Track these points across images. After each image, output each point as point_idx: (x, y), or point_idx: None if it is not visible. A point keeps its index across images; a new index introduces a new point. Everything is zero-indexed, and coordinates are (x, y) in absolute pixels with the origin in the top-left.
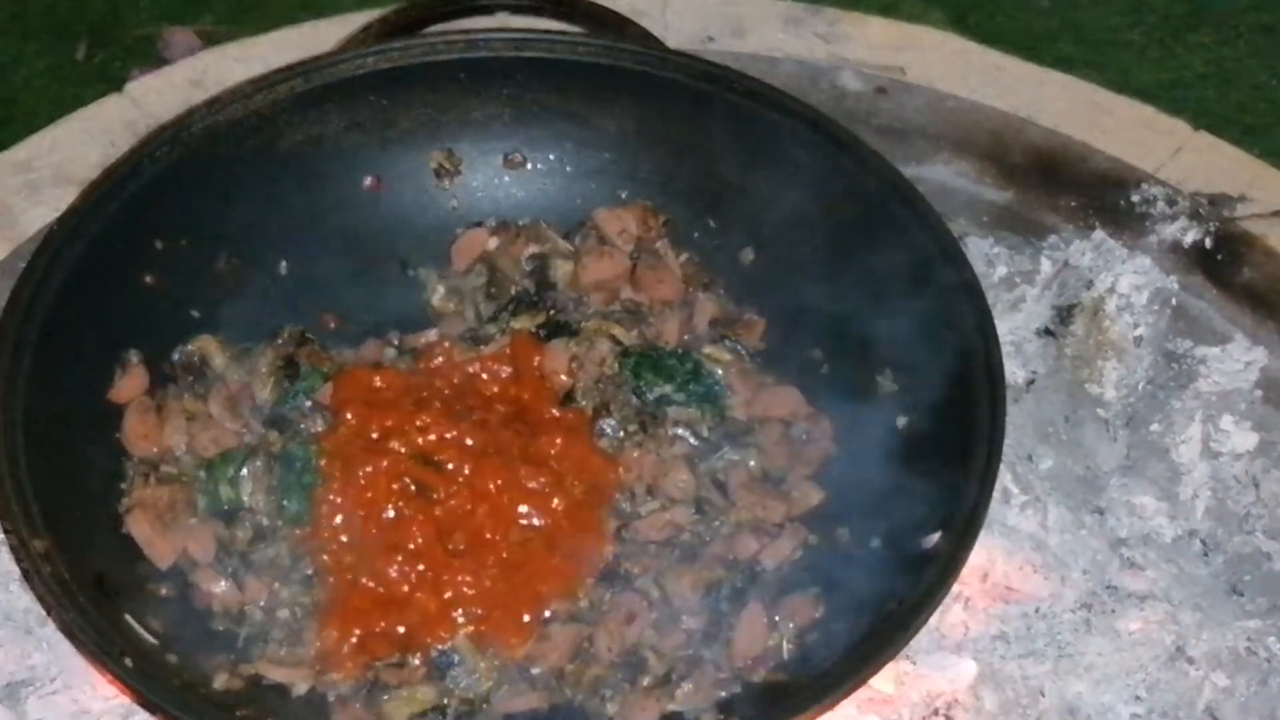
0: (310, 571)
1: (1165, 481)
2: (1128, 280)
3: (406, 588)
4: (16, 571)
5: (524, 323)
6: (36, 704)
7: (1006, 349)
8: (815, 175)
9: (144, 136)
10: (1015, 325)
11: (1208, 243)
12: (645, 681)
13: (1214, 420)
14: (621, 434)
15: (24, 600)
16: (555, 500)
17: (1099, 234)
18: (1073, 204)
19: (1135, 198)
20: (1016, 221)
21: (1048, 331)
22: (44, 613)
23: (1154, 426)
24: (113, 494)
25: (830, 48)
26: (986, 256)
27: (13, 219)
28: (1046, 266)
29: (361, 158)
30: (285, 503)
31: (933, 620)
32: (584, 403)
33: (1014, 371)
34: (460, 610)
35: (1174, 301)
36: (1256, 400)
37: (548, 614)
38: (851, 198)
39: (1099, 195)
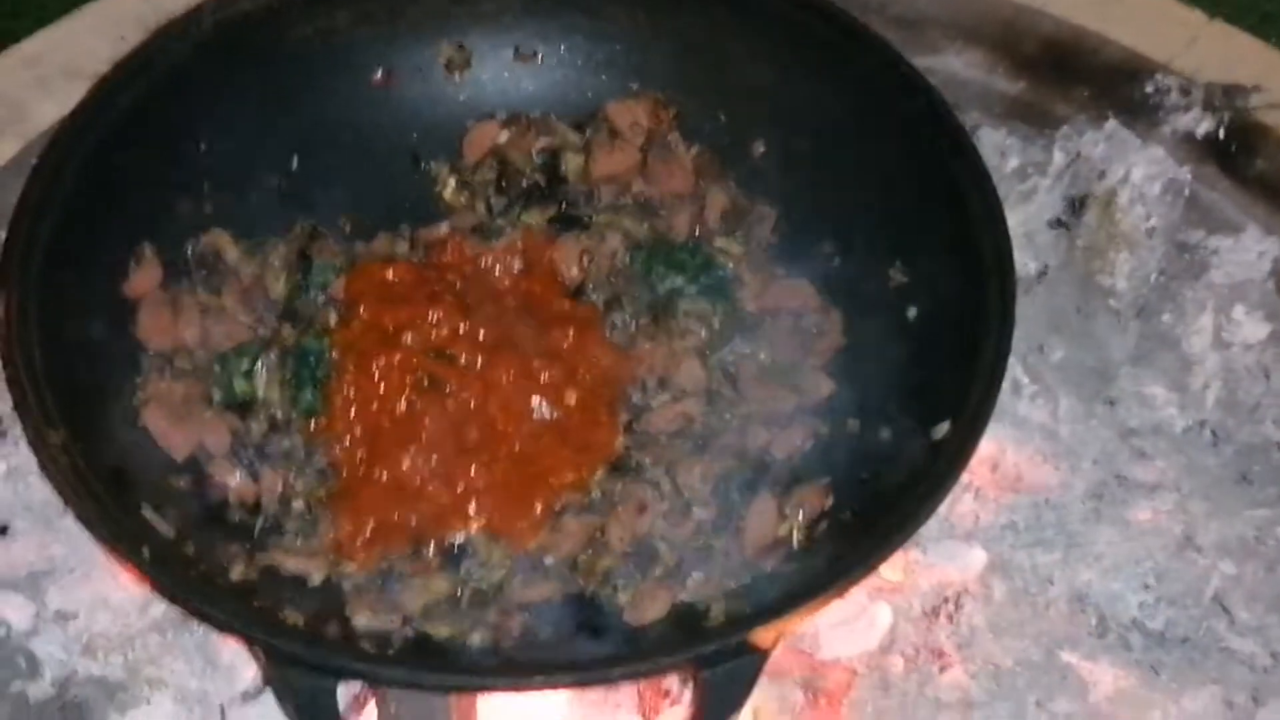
0: (324, 464)
1: (1176, 372)
2: (1140, 171)
3: (419, 480)
4: (34, 464)
5: (535, 216)
6: (57, 594)
7: (1018, 240)
8: (826, 67)
9: (154, 31)
10: (1027, 216)
11: (1221, 133)
12: (656, 571)
13: (1225, 311)
14: (633, 327)
15: (43, 492)
16: (567, 393)
17: (1112, 124)
18: (1085, 94)
19: (1149, 88)
20: (1029, 112)
21: (1060, 223)
22: (63, 504)
23: (1165, 317)
24: (128, 388)
25: None
26: (999, 148)
27: (23, 114)
28: (1059, 157)
29: (371, 51)
30: (299, 395)
31: (943, 510)
32: (595, 296)
33: (1025, 263)
34: (473, 502)
35: (1187, 192)
36: (1268, 291)
37: (560, 505)
38: (863, 89)
39: (1112, 86)
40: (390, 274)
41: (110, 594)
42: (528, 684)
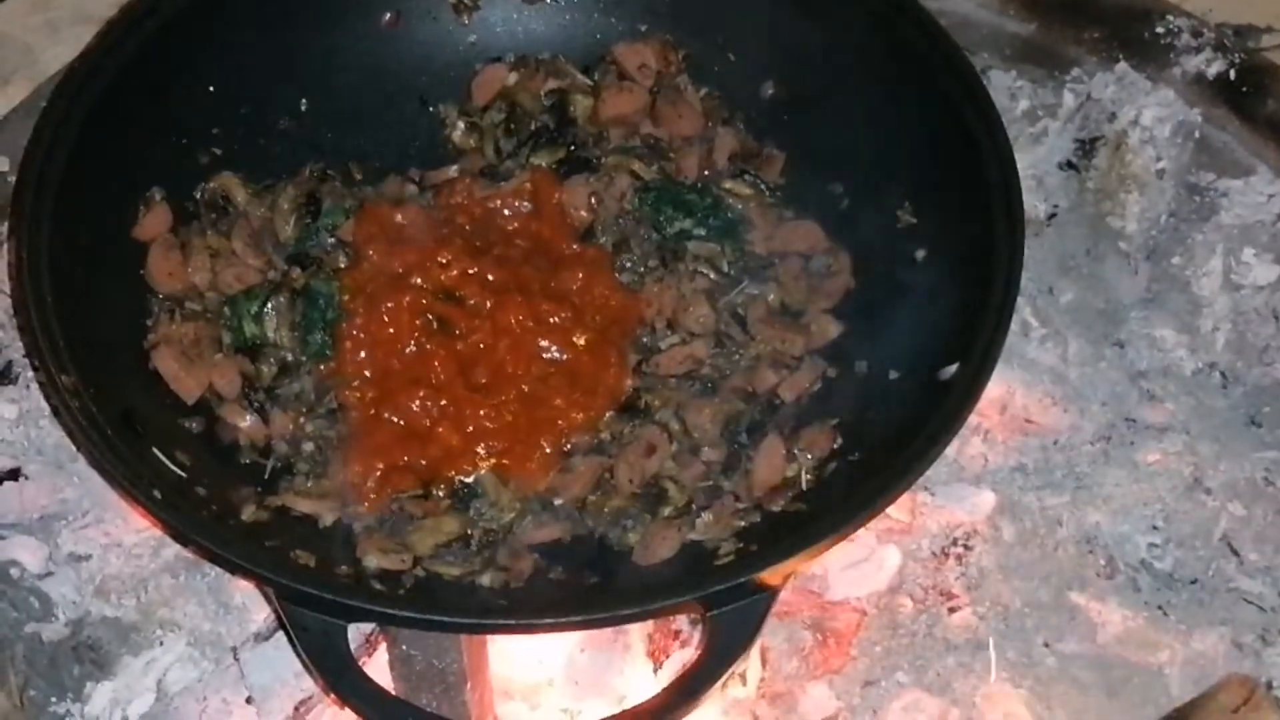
0: (334, 406)
1: (1185, 314)
2: (1151, 113)
3: (429, 422)
4: (46, 408)
5: (544, 158)
6: (69, 537)
7: (1028, 182)
8: (836, 9)
9: None
10: (1037, 159)
11: (1232, 75)
12: (665, 512)
13: (1235, 253)
14: (642, 269)
15: (55, 435)
16: (576, 335)
17: (1122, 66)
18: (1096, 36)
19: (1159, 29)
20: (1040, 54)
21: (1070, 165)
22: (74, 448)
23: (1175, 259)
24: (139, 331)
25: None
26: (1009, 90)
27: (33, 57)
28: (1069, 99)
29: None
30: (309, 338)
31: (951, 452)
32: (604, 238)
33: (1035, 205)
34: (482, 444)
35: (1197, 134)
36: (1278, 233)
37: (569, 447)
38: (872, 31)
39: (1123, 27)
40: (399, 216)
41: (122, 536)
42: (537, 625)
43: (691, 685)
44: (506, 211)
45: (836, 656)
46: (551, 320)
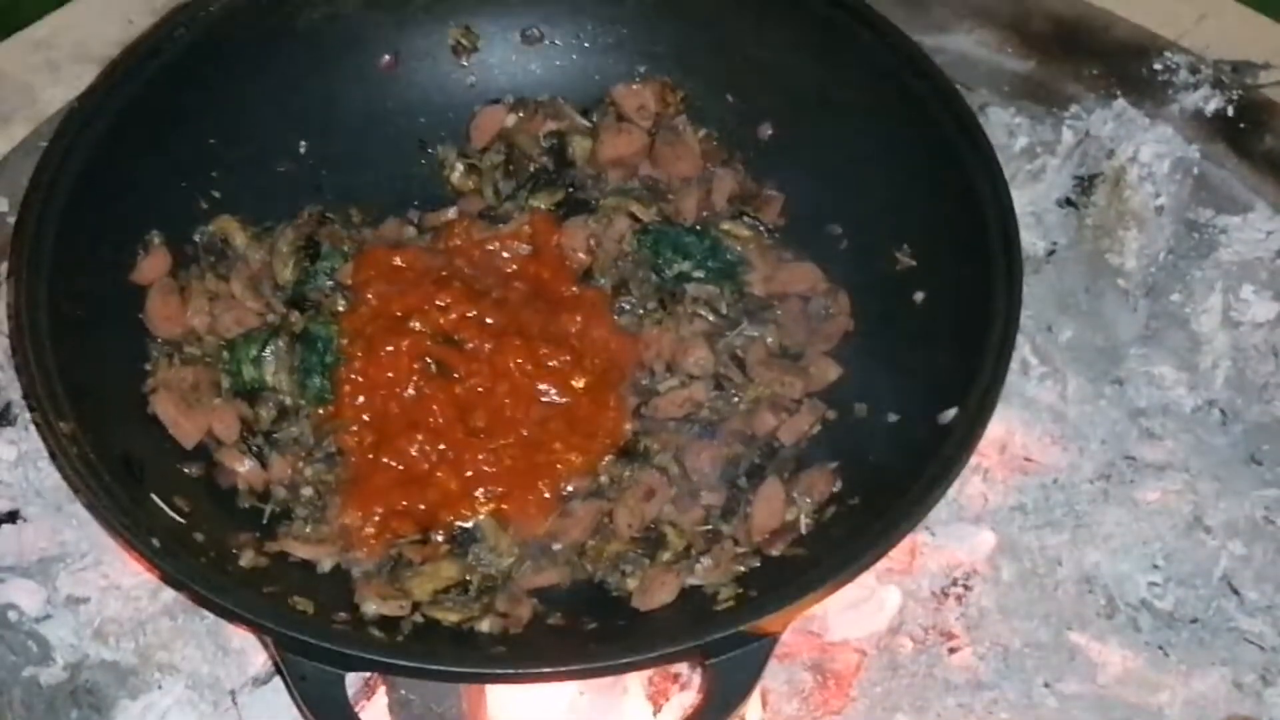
0: (333, 450)
1: (1185, 351)
2: (1149, 149)
3: (428, 466)
4: (45, 449)
5: (543, 200)
6: (67, 579)
7: (1027, 220)
8: (833, 49)
9: (163, 15)
10: (1036, 196)
11: (1230, 111)
12: (665, 557)
13: (1234, 290)
14: (640, 311)
15: (54, 477)
16: (575, 378)
17: (1121, 103)
18: (1094, 73)
19: (1157, 66)
20: (1038, 91)
21: (1069, 202)
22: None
23: (1174, 296)
24: (138, 375)
25: None
26: (1007, 127)
27: (33, 97)
28: (1068, 136)
29: (379, 35)
30: (308, 382)
31: (951, 492)
32: (603, 280)
33: (1034, 242)
34: (481, 488)
35: (1195, 170)
36: (1277, 269)
37: (568, 491)
38: (869, 71)
39: (1121, 64)
40: (398, 259)
41: (121, 579)
42: (536, 675)
43: None
44: (505, 254)
45: (837, 698)
46: (551, 364)
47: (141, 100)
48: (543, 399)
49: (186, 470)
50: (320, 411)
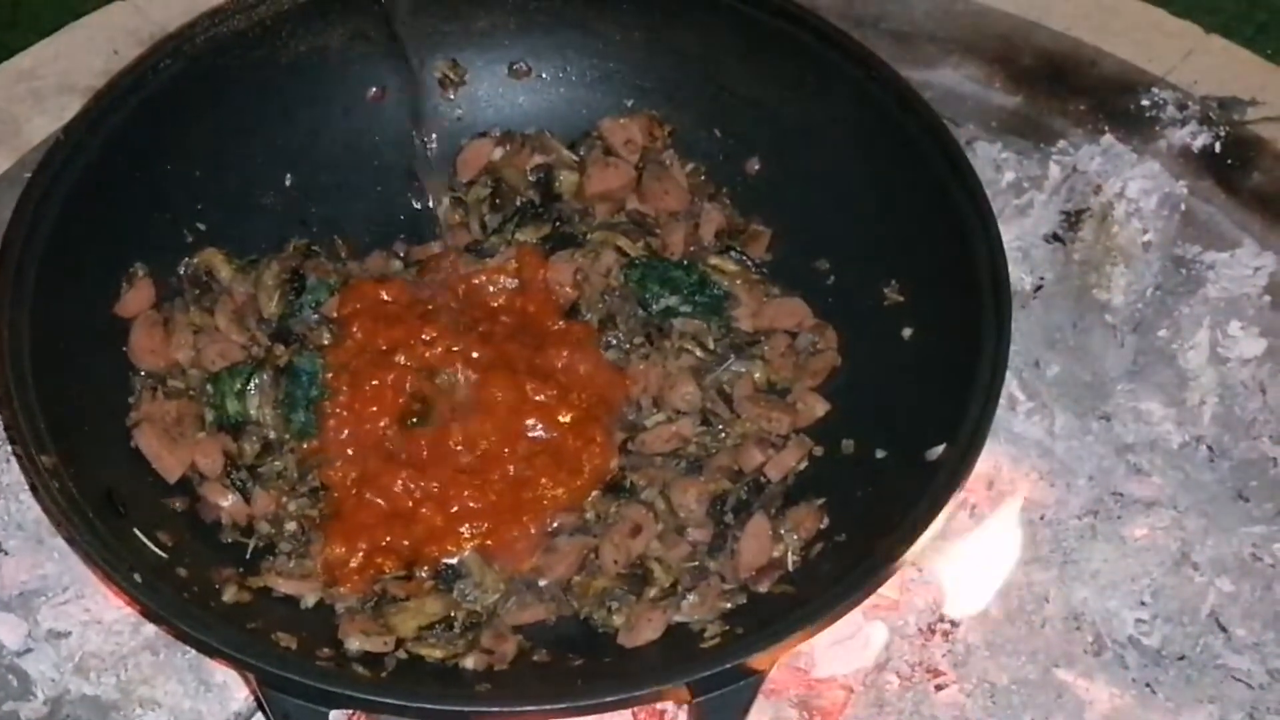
0: (317, 485)
1: (1172, 387)
2: (1136, 185)
3: (412, 502)
4: (26, 482)
5: (529, 234)
6: (49, 613)
7: (1014, 255)
8: (821, 84)
9: (149, 47)
10: (1023, 231)
11: (1217, 147)
12: (651, 593)
13: (1222, 326)
14: (627, 346)
15: (35, 510)
16: (561, 413)
17: (1108, 138)
18: (1082, 108)
19: (1145, 101)
20: (1025, 126)
21: (1056, 237)
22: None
23: (1161, 332)
24: (121, 408)
25: None
26: (995, 161)
27: (17, 128)
28: (1055, 171)
29: (365, 69)
30: (292, 416)
31: (938, 527)
32: (589, 315)
33: (1022, 277)
34: (467, 524)
35: (1183, 206)
36: (1265, 306)
37: (554, 526)
38: (858, 106)
39: (1108, 99)
40: (384, 293)
41: (103, 613)
42: (521, 711)
43: None
44: (491, 288)
45: None
46: (537, 398)
47: (126, 132)
48: (529, 434)
49: (169, 504)
50: (304, 446)
